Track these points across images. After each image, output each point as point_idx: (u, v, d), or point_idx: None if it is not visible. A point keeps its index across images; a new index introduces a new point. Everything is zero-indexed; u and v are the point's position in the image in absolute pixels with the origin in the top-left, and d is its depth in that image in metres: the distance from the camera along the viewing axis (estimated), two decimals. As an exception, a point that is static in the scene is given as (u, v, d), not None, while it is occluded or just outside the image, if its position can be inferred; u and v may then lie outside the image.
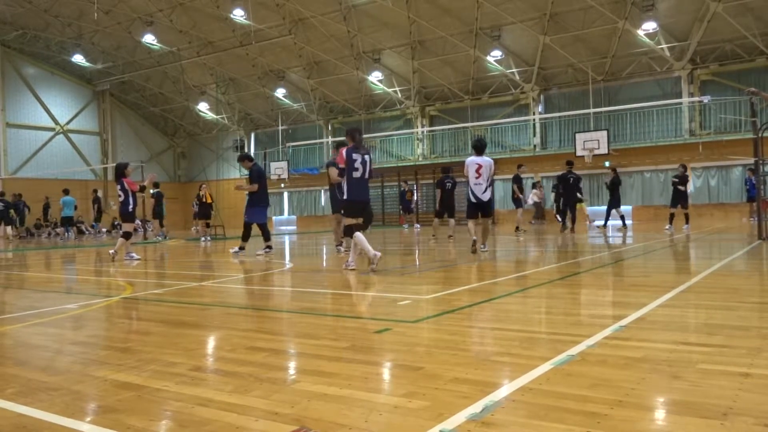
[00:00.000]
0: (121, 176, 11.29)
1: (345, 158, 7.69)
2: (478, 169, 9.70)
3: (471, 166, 9.76)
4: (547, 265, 8.39)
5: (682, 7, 22.52)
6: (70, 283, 8.25)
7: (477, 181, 9.73)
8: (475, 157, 9.80)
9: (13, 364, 3.37)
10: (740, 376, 2.64)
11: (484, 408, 2.30)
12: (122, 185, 11.18)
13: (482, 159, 9.78)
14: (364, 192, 7.89)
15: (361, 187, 7.82)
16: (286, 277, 7.91)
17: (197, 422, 2.26)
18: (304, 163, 34.17)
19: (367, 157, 7.85)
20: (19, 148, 32.04)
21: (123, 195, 11.19)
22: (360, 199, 7.85)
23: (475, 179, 9.74)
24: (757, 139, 11.86)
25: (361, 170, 7.75)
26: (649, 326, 3.79)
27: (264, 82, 32.67)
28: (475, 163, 9.71)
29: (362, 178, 7.78)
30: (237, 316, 4.93)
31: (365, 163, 7.78)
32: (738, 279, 6.29)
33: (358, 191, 7.80)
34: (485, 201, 9.78)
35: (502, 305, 4.91)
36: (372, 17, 26.62)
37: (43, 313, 5.10)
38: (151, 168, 35.98)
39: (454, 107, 29.76)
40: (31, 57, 32.92)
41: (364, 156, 7.78)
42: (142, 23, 29.38)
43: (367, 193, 7.99)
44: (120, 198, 11.24)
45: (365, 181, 7.84)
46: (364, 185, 7.87)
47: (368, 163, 7.83)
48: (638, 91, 25.37)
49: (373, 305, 5.28)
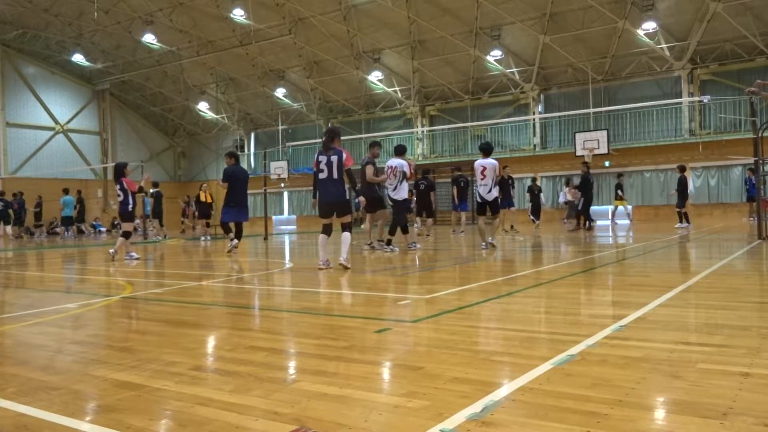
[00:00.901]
0: (120, 176, 11.28)
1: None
2: (483, 170, 10.55)
3: (477, 168, 10.66)
4: (548, 264, 8.39)
5: (681, 6, 22.52)
6: (70, 282, 8.25)
7: (482, 182, 10.60)
8: (482, 160, 10.67)
9: (13, 363, 3.37)
10: (740, 375, 2.64)
11: (484, 408, 2.30)
12: (122, 185, 11.18)
13: (487, 161, 10.61)
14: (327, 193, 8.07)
15: (325, 188, 8.05)
16: (286, 276, 7.91)
17: (197, 422, 2.26)
18: (304, 163, 34.16)
19: (334, 158, 7.97)
20: (19, 147, 32.03)
21: (122, 195, 11.18)
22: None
23: (481, 180, 10.61)
24: (757, 138, 11.86)
25: (326, 172, 7.95)
26: (649, 326, 3.79)
27: (264, 82, 32.67)
28: (481, 165, 10.60)
29: (328, 179, 7.96)
30: (237, 315, 4.93)
31: (330, 164, 7.96)
32: (738, 279, 6.29)
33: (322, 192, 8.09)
34: (490, 200, 10.62)
35: (502, 305, 4.91)
36: (372, 17, 26.62)
37: (43, 313, 5.10)
38: (151, 167, 35.99)
39: (454, 107, 29.76)
40: (31, 56, 32.91)
41: (330, 157, 7.94)
42: (142, 23, 29.38)
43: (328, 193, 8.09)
44: (119, 198, 11.24)
45: (331, 181, 7.98)
46: (329, 185, 8.03)
47: (334, 164, 7.98)
48: (638, 90, 25.37)
49: (373, 305, 5.28)
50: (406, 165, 10.97)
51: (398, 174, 10.87)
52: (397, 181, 10.87)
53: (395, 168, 10.90)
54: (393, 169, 10.91)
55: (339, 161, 7.92)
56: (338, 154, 7.96)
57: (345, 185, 8.04)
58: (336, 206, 8.08)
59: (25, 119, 32.40)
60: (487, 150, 10.76)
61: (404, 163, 10.96)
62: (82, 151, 34.87)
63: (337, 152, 7.97)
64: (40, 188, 29.27)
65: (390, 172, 10.94)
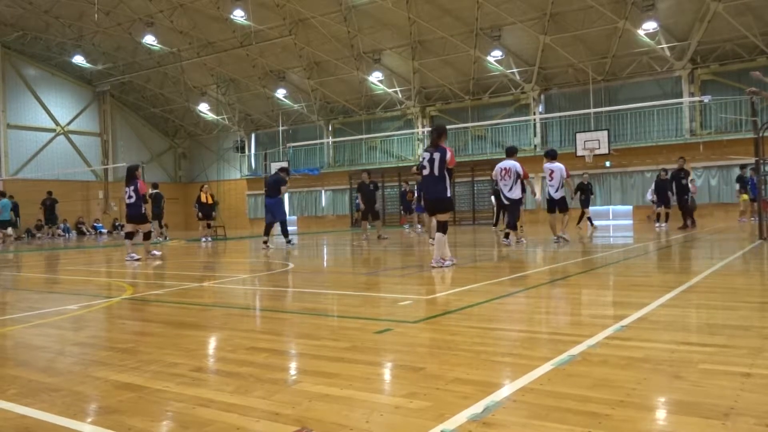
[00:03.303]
0: (133, 178, 11.24)
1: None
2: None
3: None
4: (548, 265, 8.39)
5: (682, 6, 22.52)
6: (71, 284, 8.25)
7: (550, 183, 11.85)
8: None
9: (14, 365, 3.37)
10: (741, 376, 2.64)
11: (486, 408, 2.30)
12: (135, 186, 11.15)
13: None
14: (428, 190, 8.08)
15: (427, 185, 8.02)
16: (287, 277, 7.91)
17: (198, 423, 2.26)
18: (305, 164, 34.18)
19: (436, 155, 7.94)
20: (19, 149, 32.04)
21: (135, 196, 11.16)
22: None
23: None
24: (758, 138, 11.85)
25: (429, 168, 7.90)
26: (651, 326, 3.78)
27: (264, 83, 32.68)
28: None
29: (430, 176, 7.93)
30: (238, 316, 4.93)
31: (433, 161, 7.91)
32: (739, 279, 6.28)
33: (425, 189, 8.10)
34: (557, 199, 11.89)
35: (503, 305, 4.91)
36: (372, 18, 26.63)
37: (44, 314, 5.10)
38: (152, 168, 36.04)
39: (455, 107, 29.77)
40: (31, 58, 32.92)
41: (433, 154, 7.91)
42: (142, 24, 29.39)
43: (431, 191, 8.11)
44: (131, 200, 11.20)
45: (432, 178, 7.94)
46: (431, 183, 8.00)
47: (436, 161, 7.93)
48: (638, 90, 25.35)
49: (374, 306, 5.28)
50: (519, 166, 11.65)
51: (512, 174, 11.60)
52: (512, 182, 11.60)
53: (509, 169, 11.60)
54: (507, 171, 11.62)
55: (441, 159, 7.90)
56: (442, 151, 7.95)
57: (446, 183, 8.00)
58: (436, 203, 8.14)
59: (25, 121, 32.41)
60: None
61: (518, 165, 11.64)
62: (82, 152, 34.88)
63: (440, 150, 7.96)
64: (41, 190, 29.29)
65: (504, 173, 11.65)
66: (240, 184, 36.42)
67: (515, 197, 11.74)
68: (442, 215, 8.04)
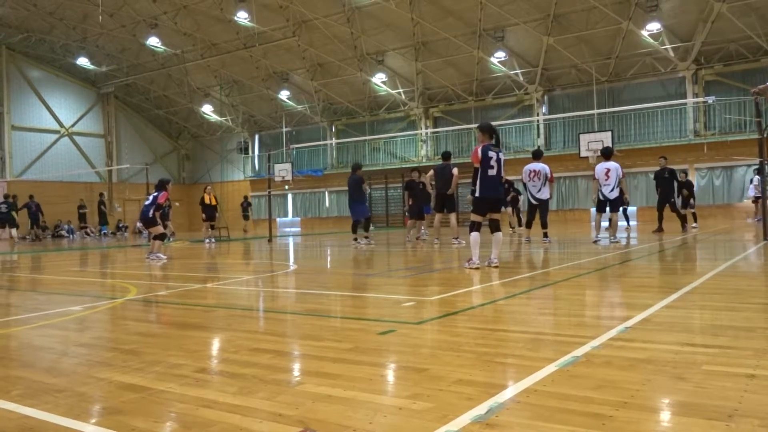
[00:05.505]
0: (162, 189, 11.89)
1: (480, 155, 7.78)
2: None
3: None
4: (552, 266, 8.37)
5: (686, 7, 22.47)
6: (75, 285, 8.27)
7: (606, 183, 11.74)
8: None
9: (18, 365, 3.38)
10: (745, 377, 2.63)
11: (489, 409, 2.29)
12: (159, 193, 11.76)
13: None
14: (496, 189, 7.98)
15: (495, 184, 7.90)
16: (290, 278, 7.92)
17: (201, 424, 2.26)
18: (308, 165, 34.22)
19: (501, 155, 7.98)
20: (24, 150, 32.15)
21: (151, 200, 11.75)
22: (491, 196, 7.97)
23: (605, 181, 11.71)
24: (762, 139, 11.81)
25: (496, 168, 7.84)
26: (654, 327, 3.77)
27: (268, 84, 32.73)
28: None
29: (497, 176, 7.88)
30: (241, 317, 4.94)
31: (500, 161, 7.90)
32: (743, 280, 6.26)
33: (490, 188, 7.88)
34: (612, 198, 11.75)
35: (507, 306, 4.90)
36: (375, 19, 26.65)
37: (48, 315, 5.11)
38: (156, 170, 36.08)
39: (458, 108, 29.76)
40: (35, 60, 33.04)
41: (498, 154, 7.90)
42: (146, 26, 29.49)
43: (499, 190, 8.08)
44: (147, 201, 11.86)
45: (499, 178, 7.92)
46: (497, 182, 7.95)
47: (502, 161, 7.96)
48: (642, 91, 25.31)
49: (377, 307, 5.27)
50: (548, 168, 12.27)
51: (542, 177, 12.21)
52: (540, 183, 12.22)
53: (539, 171, 12.23)
54: (537, 173, 12.23)
55: (503, 161, 8.09)
56: (502, 151, 8.20)
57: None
58: (502, 202, 8.74)
59: (30, 122, 32.52)
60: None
61: (546, 167, 12.27)
62: (87, 153, 34.98)
63: (501, 151, 8.12)
64: (46, 191, 29.38)
65: (533, 175, 12.25)
66: (243, 185, 36.47)
67: (544, 198, 12.30)
68: (496, 214, 8.12)
